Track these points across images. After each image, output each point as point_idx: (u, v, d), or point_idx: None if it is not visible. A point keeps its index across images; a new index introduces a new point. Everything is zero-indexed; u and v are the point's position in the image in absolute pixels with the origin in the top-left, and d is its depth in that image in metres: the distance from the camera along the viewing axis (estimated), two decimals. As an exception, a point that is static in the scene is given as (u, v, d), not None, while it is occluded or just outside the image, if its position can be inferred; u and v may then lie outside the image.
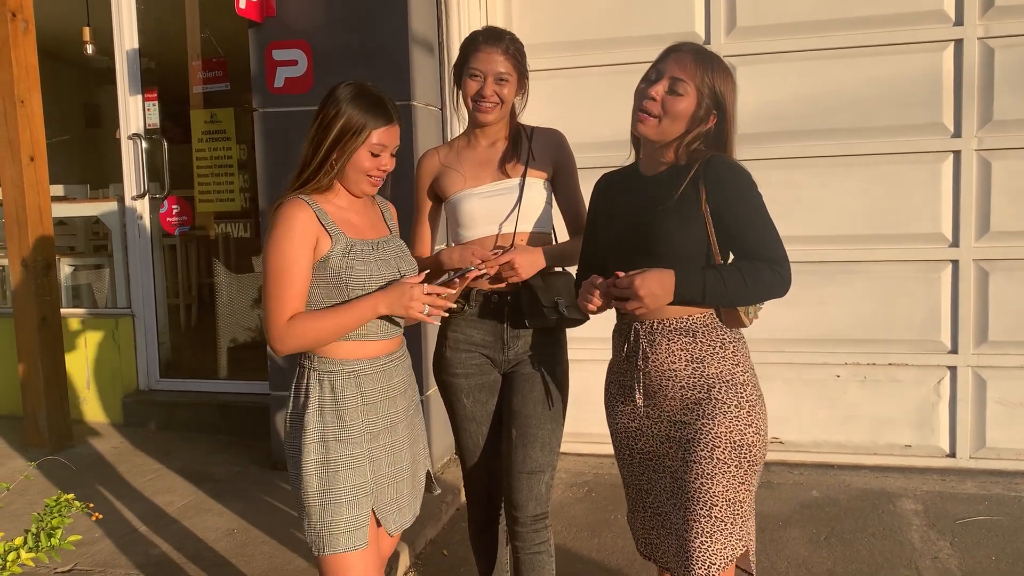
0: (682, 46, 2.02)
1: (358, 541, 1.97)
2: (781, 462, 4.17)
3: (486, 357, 2.42)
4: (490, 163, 2.40)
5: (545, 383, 2.38)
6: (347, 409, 1.98)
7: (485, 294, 2.37)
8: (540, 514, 2.35)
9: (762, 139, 4.05)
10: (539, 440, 2.35)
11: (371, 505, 2.01)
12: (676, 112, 1.98)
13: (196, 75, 5.00)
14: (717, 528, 1.95)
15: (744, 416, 1.97)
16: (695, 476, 1.96)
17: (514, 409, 2.38)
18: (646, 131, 2.02)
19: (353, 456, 1.98)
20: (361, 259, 1.99)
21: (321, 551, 1.97)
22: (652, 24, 4.14)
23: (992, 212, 3.92)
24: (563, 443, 2.48)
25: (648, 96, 2.00)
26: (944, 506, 3.65)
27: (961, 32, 3.87)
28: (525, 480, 2.33)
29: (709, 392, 1.98)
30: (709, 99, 1.98)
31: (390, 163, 2.05)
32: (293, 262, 1.94)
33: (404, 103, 3.76)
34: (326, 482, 1.96)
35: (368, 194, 2.08)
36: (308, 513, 1.98)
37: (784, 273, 1.93)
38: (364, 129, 1.97)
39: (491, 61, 2.32)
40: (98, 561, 3.17)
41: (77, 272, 5.56)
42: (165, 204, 5.07)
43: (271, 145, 3.98)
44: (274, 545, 3.29)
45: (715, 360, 1.99)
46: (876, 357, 4.10)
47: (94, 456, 4.45)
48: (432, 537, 3.49)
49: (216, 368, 5.28)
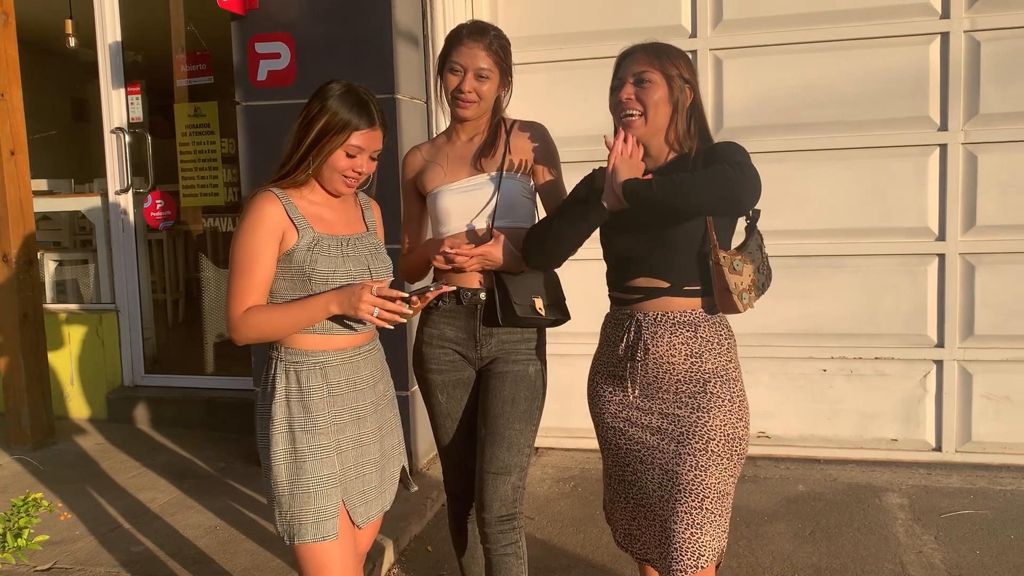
0: (631, 49, 2.11)
1: (326, 532, 1.97)
2: (767, 456, 4.16)
3: (459, 354, 2.39)
4: (467, 158, 2.38)
5: (517, 382, 2.34)
6: (313, 400, 1.99)
7: (459, 290, 2.34)
8: (506, 515, 2.29)
9: (748, 132, 4.03)
10: (506, 440, 2.30)
11: (340, 496, 2.00)
12: (655, 100, 2.03)
13: (180, 68, 4.95)
14: (707, 520, 1.99)
15: (736, 410, 2.03)
16: (689, 468, 1.99)
17: (483, 408, 2.36)
18: (637, 132, 2.06)
19: (320, 447, 1.98)
20: (326, 254, 1.98)
21: (290, 540, 1.99)
22: (638, 17, 4.12)
23: (978, 206, 3.92)
24: (549, 438, 2.48)
25: (622, 100, 2.05)
26: (929, 500, 3.65)
27: (947, 25, 3.86)
28: (490, 480, 2.29)
29: (704, 386, 2.02)
30: (678, 79, 2.04)
31: (367, 166, 2.03)
32: (256, 254, 1.94)
33: (388, 96, 3.73)
34: (293, 472, 1.97)
35: (342, 194, 2.07)
36: (278, 503, 1.99)
37: (743, 172, 1.86)
38: (344, 129, 1.97)
39: (472, 56, 2.29)
40: (78, 559, 3.14)
41: (62, 267, 5.51)
42: (149, 199, 5.03)
43: (255, 139, 3.94)
44: (257, 542, 3.27)
45: (712, 356, 2.04)
46: (862, 351, 4.09)
47: (77, 453, 4.41)
48: (417, 533, 3.48)
49: (202, 364, 5.25)
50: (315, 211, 2.03)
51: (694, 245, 2.03)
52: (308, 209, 2.02)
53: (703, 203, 1.90)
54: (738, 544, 3.27)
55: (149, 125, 5.02)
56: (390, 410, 2.18)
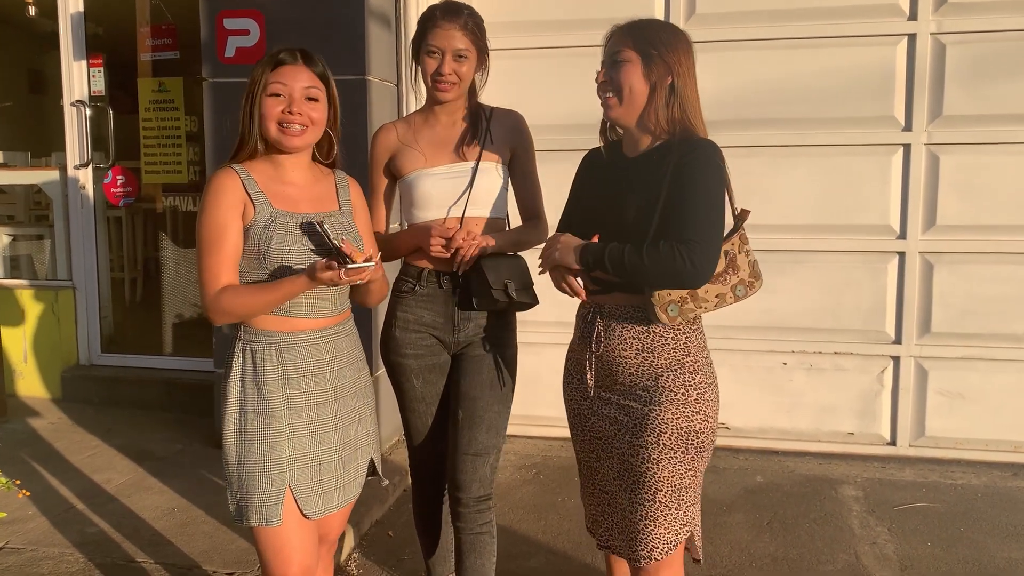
0: (612, 30, 2.05)
1: (269, 516, 1.93)
2: (727, 447, 4.22)
3: (436, 338, 2.38)
4: (448, 143, 2.36)
5: (495, 365, 2.36)
6: (266, 380, 1.95)
7: (436, 275, 2.34)
8: (483, 495, 2.34)
9: (717, 126, 3.99)
10: (486, 422, 2.33)
11: (286, 483, 1.95)
12: (628, 81, 1.96)
13: (144, 42, 4.84)
14: (661, 513, 1.98)
15: (692, 403, 1.99)
16: (641, 460, 1.98)
17: (462, 391, 2.35)
18: (615, 115, 2.02)
19: (270, 430, 1.94)
20: (282, 232, 1.93)
21: (238, 520, 1.97)
22: (612, 7, 4.06)
23: (939, 206, 3.99)
24: (513, 426, 2.49)
25: (600, 82, 2.01)
26: (883, 493, 3.73)
27: (914, 27, 3.92)
28: (470, 462, 2.31)
29: (657, 380, 1.99)
30: (657, 57, 1.96)
31: (303, 107, 1.93)
32: (221, 229, 1.91)
33: (359, 78, 3.68)
34: (242, 453, 1.94)
35: (288, 146, 1.96)
36: (228, 482, 1.98)
37: (692, 256, 1.81)
38: (263, 74, 1.94)
39: (449, 38, 2.27)
40: (31, 540, 3.08)
41: (16, 242, 5.37)
42: (110, 174, 4.92)
43: (221, 116, 3.87)
44: (216, 524, 3.23)
45: (665, 351, 2.00)
46: (822, 346, 4.16)
47: (29, 432, 4.32)
48: (378, 518, 3.46)
49: (161, 344, 5.16)
50: (276, 188, 1.98)
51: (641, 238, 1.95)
52: (269, 186, 1.97)
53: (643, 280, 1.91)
54: (697, 533, 3.31)
55: (111, 99, 4.90)
56: (359, 398, 2.11)
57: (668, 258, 1.82)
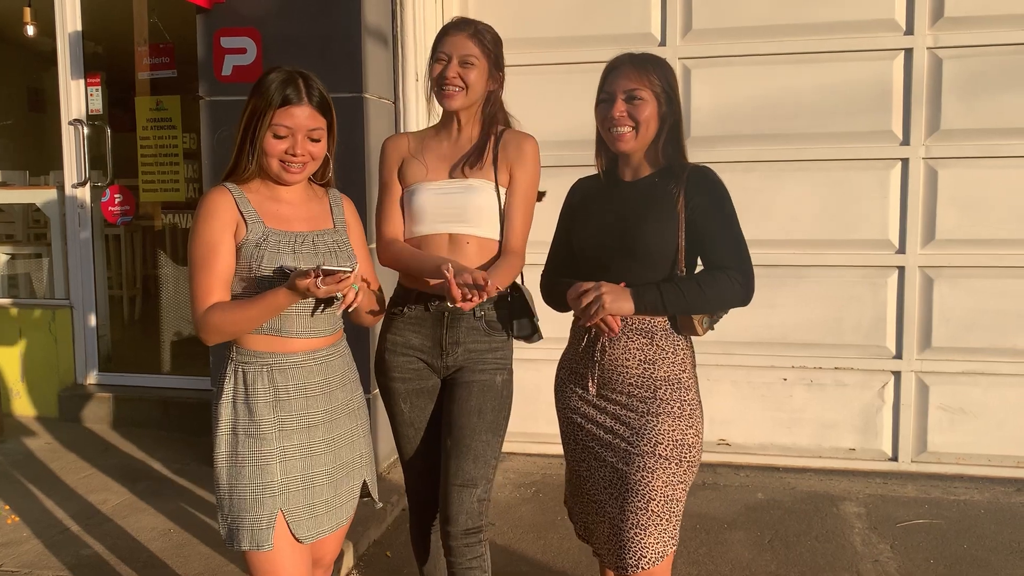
0: (617, 62, 2.14)
1: (261, 541, 1.90)
2: (727, 464, 4.19)
3: (424, 362, 2.33)
4: (451, 159, 2.30)
5: (484, 392, 2.27)
6: (258, 403, 1.92)
7: (425, 297, 2.27)
8: (472, 528, 2.23)
9: (715, 142, 4.06)
10: (472, 452, 2.24)
11: (277, 507, 1.92)
12: (646, 117, 2.09)
13: (142, 61, 4.85)
14: (652, 522, 2.02)
15: (686, 417, 2.08)
16: (636, 469, 2.04)
17: (449, 418, 2.29)
18: (627, 146, 2.11)
19: (261, 453, 1.91)
20: (274, 250, 1.91)
21: (229, 544, 1.94)
22: (609, 24, 4.12)
23: (938, 220, 3.98)
24: (512, 443, 2.45)
25: (614, 116, 2.09)
26: (885, 509, 3.70)
27: (911, 41, 3.93)
28: (456, 493, 2.22)
29: (655, 392, 2.08)
30: (664, 94, 2.11)
31: (306, 147, 1.92)
32: (212, 247, 1.89)
33: (356, 95, 3.68)
34: (233, 476, 1.92)
35: (288, 181, 1.96)
36: (220, 505, 1.95)
37: (743, 281, 2.03)
38: (267, 109, 1.90)
39: (456, 44, 2.24)
40: (24, 562, 3.04)
41: (14, 261, 5.36)
42: (107, 193, 4.91)
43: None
44: (212, 546, 3.20)
45: (665, 364, 2.09)
46: (823, 361, 4.14)
47: (25, 452, 4.29)
48: (376, 538, 3.43)
49: (159, 362, 5.14)
50: (270, 206, 1.96)
51: (664, 262, 2.07)
52: (262, 204, 1.95)
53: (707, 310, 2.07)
54: (698, 551, 3.28)
55: (109, 118, 4.90)
56: (352, 420, 2.08)
57: (725, 287, 2.02)
